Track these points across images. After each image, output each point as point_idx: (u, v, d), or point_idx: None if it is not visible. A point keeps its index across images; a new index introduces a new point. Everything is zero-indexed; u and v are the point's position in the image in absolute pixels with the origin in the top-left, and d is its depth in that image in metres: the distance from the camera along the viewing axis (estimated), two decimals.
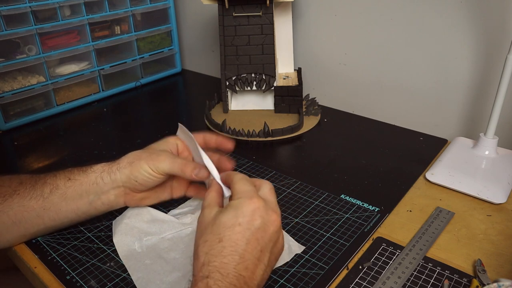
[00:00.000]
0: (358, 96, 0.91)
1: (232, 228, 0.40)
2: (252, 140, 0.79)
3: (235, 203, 0.42)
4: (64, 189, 0.51)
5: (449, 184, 0.63)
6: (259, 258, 0.40)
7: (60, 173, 0.52)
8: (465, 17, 0.72)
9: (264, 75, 0.84)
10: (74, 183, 0.51)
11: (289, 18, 0.88)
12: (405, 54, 0.81)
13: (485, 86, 0.74)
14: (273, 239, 0.42)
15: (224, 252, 0.38)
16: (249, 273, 0.38)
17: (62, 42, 0.91)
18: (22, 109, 0.89)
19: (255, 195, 0.42)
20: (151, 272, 0.48)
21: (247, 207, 0.41)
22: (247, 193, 0.43)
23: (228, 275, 0.37)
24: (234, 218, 0.40)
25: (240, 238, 0.39)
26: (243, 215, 0.40)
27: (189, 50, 1.24)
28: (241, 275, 0.38)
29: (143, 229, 0.52)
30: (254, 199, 0.42)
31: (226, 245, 0.39)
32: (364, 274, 0.48)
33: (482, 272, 0.47)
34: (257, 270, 0.39)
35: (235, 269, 0.38)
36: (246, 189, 0.43)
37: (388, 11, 0.80)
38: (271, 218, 0.41)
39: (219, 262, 0.38)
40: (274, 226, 0.41)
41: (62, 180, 0.51)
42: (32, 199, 0.50)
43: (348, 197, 0.61)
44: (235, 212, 0.41)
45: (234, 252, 0.38)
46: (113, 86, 1.04)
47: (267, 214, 0.41)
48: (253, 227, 0.40)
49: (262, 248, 0.40)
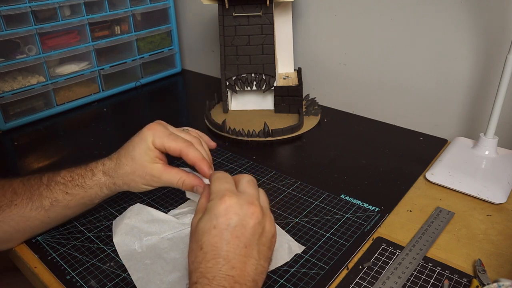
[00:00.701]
0: (358, 96, 0.91)
1: (209, 232, 0.39)
2: (252, 140, 0.79)
3: (208, 206, 0.41)
4: (65, 202, 0.51)
5: (449, 184, 0.63)
6: (245, 255, 0.39)
7: (53, 186, 0.51)
8: (465, 17, 0.72)
9: (264, 75, 0.84)
10: (74, 197, 0.52)
11: (289, 18, 0.88)
12: (405, 54, 0.81)
13: (485, 86, 0.74)
14: (256, 231, 0.40)
15: (206, 258, 0.38)
16: (238, 271, 0.38)
17: (62, 42, 0.91)
18: (22, 109, 0.89)
19: (226, 193, 0.41)
20: (151, 272, 0.48)
21: (219, 208, 0.40)
22: (219, 193, 0.41)
23: (215, 277, 0.37)
24: (209, 222, 0.40)
25: (218, 240, 0.39)
26: (216, 217, 0.40)
27: (189, 50, 1.24)
28: (229, 275, 0.37)
29: (143, 229, 0.53)
30: (224, 197, 0.40)
31: (206, 250, 0.39)
32: (364, 274, 0.48)
33: (482, 272, 0.46)
34: (247, 266, 0.39)
35: (221, 271, 0.38)
36: (219, 188, 0.42)
37: (388, 11, 0.80)
38: (248, 212, 0.40)
39: (203, 267, 0.38)
40: (253, 218, 0.40)
41: (59, 194, 0.51)
42: (33, 210, 0.50)
43: (348, 197, 0.61)
44: (209, 216, 0.40)
45: (216, 256, 0.38)
46: (113, 86, 1.04)
47: (242, 209, 0.40)
48: (230, 227, 0.39)
49: (246, 244, 0.39)
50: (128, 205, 0.56)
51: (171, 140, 0.50)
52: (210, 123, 0.85)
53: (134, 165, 0.51)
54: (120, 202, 0.61)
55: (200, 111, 0.92)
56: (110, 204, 0.61)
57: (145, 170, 0.50)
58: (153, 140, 0.50)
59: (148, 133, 0.51)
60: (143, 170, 0.50)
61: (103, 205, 0.60)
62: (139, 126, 0.53)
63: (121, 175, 0.51)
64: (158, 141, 0.50)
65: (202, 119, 0.89)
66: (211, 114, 0.89)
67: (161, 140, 0.50)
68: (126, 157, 0.51)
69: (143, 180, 0.51)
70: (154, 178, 0.51)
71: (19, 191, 0.51)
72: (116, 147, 0.54)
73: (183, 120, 0.92)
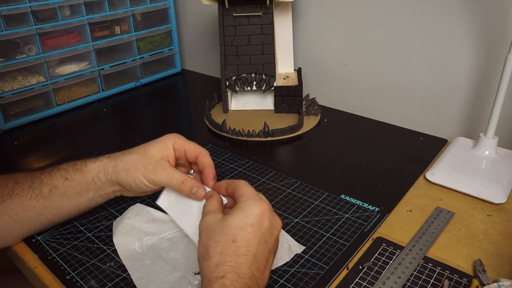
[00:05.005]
0: (358, 96, 0.91)
1: (245, 228, 0.40)
2: (252, 140, 0.79)
3: (243, 205, 0.43)
4: (63, 188, 0.52)
5: (449, 184, 0.63)
6: (267, 260, 0.41)
7: (55, 172, 0.52)
8: (465, 17, 0.72)
9: (264, 75, 0.84)
10: (72, 183, 0.52)
11: (289, 18, 0.88)
12: (405, 54, 0.81)
13: (485, 86, 0.74)
14: (276, 242, 0.43)
15: (238, 252, 0.39)
16: (260, 274, 0.39)
17: (62, 42, 0.91)
18: (22, 109, 0.89)
19: (262, 198, 0.44)
20: (151, 272, 0.48)
21: (257, 208, 0.42)
22: (254, 195, 0.44)
23: (244, 275, 0.38)
24: (245, 218, 0.41)
25: (252, 238, 0.40)
26: (253, 216, 0.41)
27: (189, 50, 1.24)
28: (254, 276, 0.39)
29: (143, 229, 0.53)
30: (262, 201, 0.43)
31: (240, 245, 0.39)
32: (364, 274, 0.48)
33: (482, 272, 0.47)
34: (266, 271, 0.41)
35: (249, 269, 0.38)
36: (252, 192, 0.45)
37: (388, 11, 0.80)
38: (276, 222, 0.43)
39: (234, 262, 0.38)
40: (277, 230, 0.43)
41: (59, 180, 0.52)
42: (32, 198, 0.51)
43: (348, 197, 0.61)
44: (245, 213, 0.42)
45: (248, 252, 0.39)
46: (113, 86, 1.04)
47: (273, 217, 0.43)
48: (263, 228, 0.41)
49: (269, 250, 0.41)
50: (128, 205, 0.56)
51: (192, 143, 0.54)
52: (210, 123, 0.85)
53: (144, 154, 0.52)
54: (120, 202, 0.61)
55: (200, 111, 0.92)
56: (110, 204, 0.60)
57: (151, 161, 0.52)
58: (174, 142, 0.54)
59: (171, 136, 0.54)
60: (149, 160, 0.52)
61: (103, 205, 0.60)
62: (139, 126, 0.53)
63: (126, 159, 0.52)
64: (180, 142, 0.54)
65: (202, 119, 0.89)
66: (211, 114, 0.89)
67: (183, 141, 0.54)
68: (140, 147, 0.54)
69: (144, 170, 0.51)
70: (157, 170, 0.51)
71: (21, 180, 0.52)
72: (116, 147, 0.54)
73: (183, 120, 0.92)
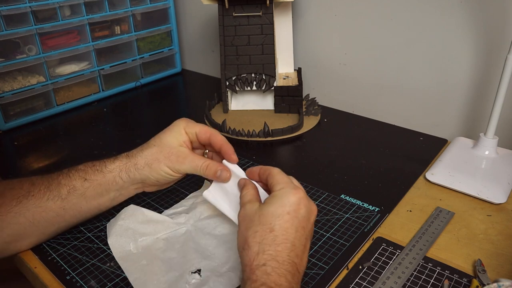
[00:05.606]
0: (358, 96, 0.91)
1: (282, 217, 0.41)
2: (252, 140, 0.79)
3: (279, 193, 0.43)
4: (82, 189, 0.51)
5: (449, 184, 0.63)
6: (305, 246, 0.42)
7: (73, 173, 0.51)
8: (465, 17, 0.72)
9: (264, 75, 0.84)
10: (92, 183, 0.51)
11: (289, 18, 0.88)
12: (405, 54, 0.81)
13: (485, 86, 0.74)
14: (312, 228, 0.44)
15: (277, 241, 0.40)
16: (299, 260, 0.40)
17: (62, 42, 0.91)
18: (22, 109, 0.89)
19: (297, 185, 0.45)
20: (148, 273, 0.47)
21: (293, 197, 0.42)
22: (290, 183, 0.44)
23: (284, 262, 0.39)
24: (281, 207, 0.42)
25: (289, 226, 0.41)
26: (289, 204, 0.42)
27: (189, 50, 1.24)
28: (294, 262, 0.39)
29: (138, 230, 0.52)
30: (298, 189, 0.43)
31: (278, 234, 0.40)
32: (364, 274, 0.48)
33: (482, 272, 0.46)
34: (304, 257, 0.41)
35: (288, 256, 0.39)
36: (287, 180, 0.45)
37: (388, 11, 0.80)
38: (313, 208, 0.44)
39: (273, 250, 0.39)
40: (314, 216, 0.44)
41: (78, 181, 0.51)
42: (49, 200, 0.50)
43: (348, 197, 0.61)
44: (281, 202, 0.42)
45: (286, 240, 0.40)
46: (113, 86, 1.04)
47: (309, 203, 0.43)
48: (300, 215, 0.42)
49: (306, 236, 0.42)
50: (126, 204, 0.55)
51: (202, 126, 0.54)
52: (210, 123, 0.85)
53: (162, 145, 0.52)
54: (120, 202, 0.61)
55: (200, 111, 0.92)
56: None
57: (172, 150, 0.52)
58: (185, 126, 0.54)
59: (180, 122, 0.54)
60: (169, 150, 0.52)
61: None
62: (139, 126, 0.53)
63: (146, 154, 0.52)
64: (191, 126, 0.54)
65: (202, 119, 0.89)
66: (211, 114, 0.89)
67: (193, 125, 0.54)
68: (155, 139, 0.54)
69: (167, 161, 0.51)
70: (179, 159, 0.51)
71: (37, 182, 0.51)
72: (116, 147, 0.54)
73: None
